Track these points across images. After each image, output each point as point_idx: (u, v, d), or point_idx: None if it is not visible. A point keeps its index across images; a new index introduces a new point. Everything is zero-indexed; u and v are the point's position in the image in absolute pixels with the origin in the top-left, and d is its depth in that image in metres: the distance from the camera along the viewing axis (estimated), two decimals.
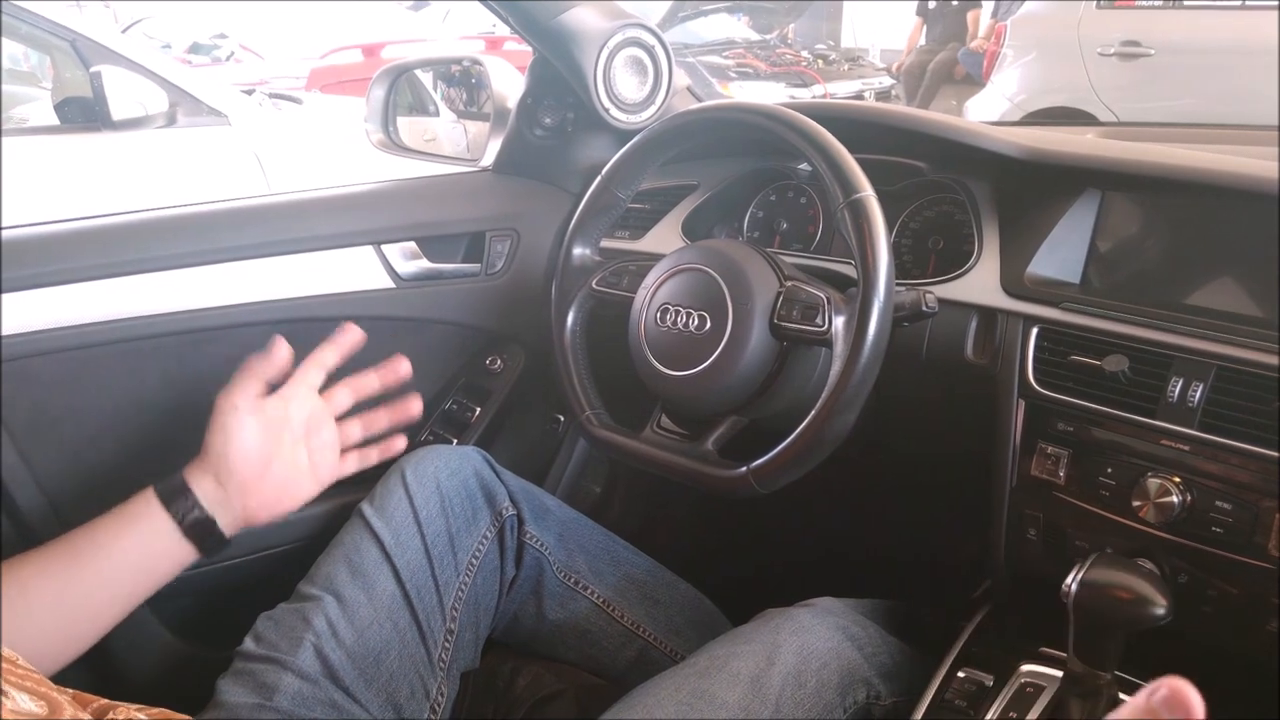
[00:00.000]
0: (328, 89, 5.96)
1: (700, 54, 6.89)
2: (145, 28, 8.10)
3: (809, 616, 0.95)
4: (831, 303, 0.95)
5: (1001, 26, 5.54)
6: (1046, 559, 0.97)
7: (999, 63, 5.28)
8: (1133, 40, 4.64)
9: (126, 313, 1.08)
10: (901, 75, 8.23)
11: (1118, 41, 4.68)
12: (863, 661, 0.93)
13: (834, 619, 0.96)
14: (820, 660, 0.90)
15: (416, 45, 7.06)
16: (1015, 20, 5.44)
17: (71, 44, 2.90)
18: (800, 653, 0.90)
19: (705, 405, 1.04)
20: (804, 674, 0.89)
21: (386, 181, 1.35)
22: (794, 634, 0.92)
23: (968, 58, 7.69)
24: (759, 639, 0.92)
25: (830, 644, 0.92)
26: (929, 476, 1.27)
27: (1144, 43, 4.62)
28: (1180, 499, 0.85)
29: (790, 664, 0.89)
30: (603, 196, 1.13)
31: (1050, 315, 0.96)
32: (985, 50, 6.01)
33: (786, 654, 0.89)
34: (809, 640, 0.92)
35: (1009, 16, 5.83)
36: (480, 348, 1.39)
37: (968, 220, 1.09)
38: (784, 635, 0.92)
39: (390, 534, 1.02)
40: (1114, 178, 0.99)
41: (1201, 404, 0.85)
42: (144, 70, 2.92)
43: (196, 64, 7.61)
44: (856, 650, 0.94)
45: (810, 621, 0.94)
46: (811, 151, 0.96)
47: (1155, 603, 0.74)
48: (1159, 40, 4.60)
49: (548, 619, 1.13)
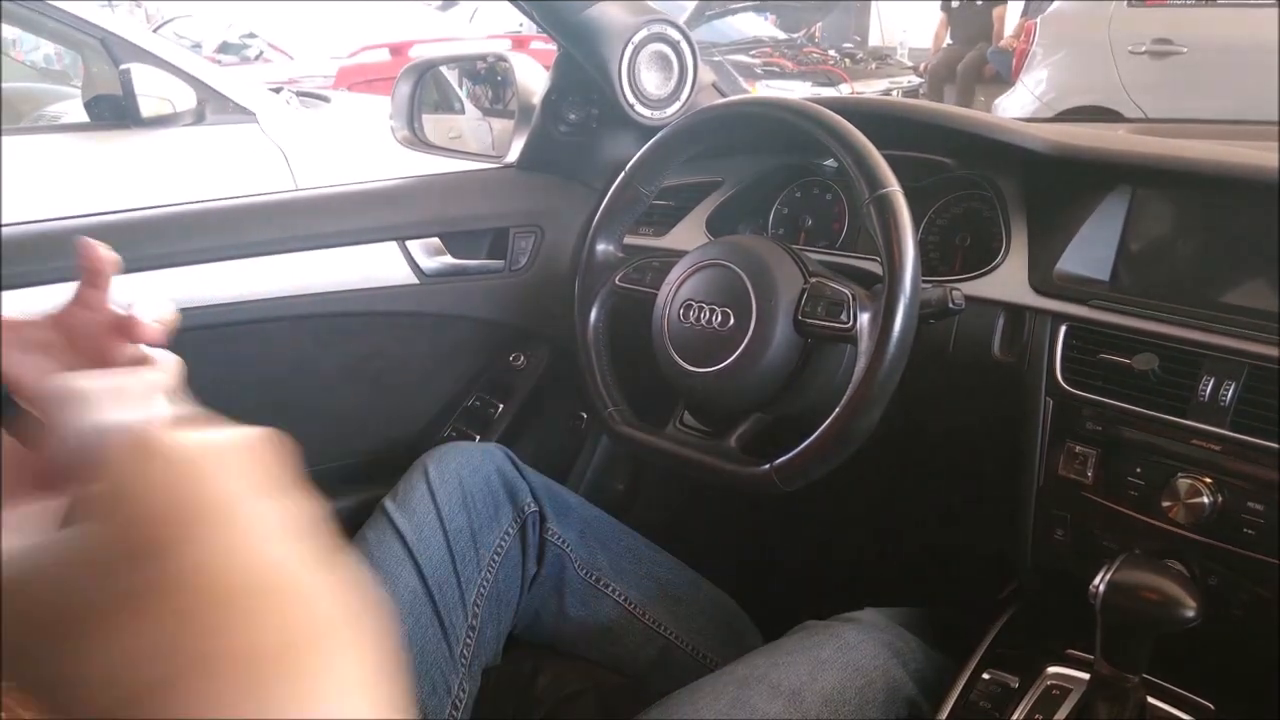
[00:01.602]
0: (355, 88, 5.99)
1: (727, 53, 6.88)
2: (176, 27, 8.19)
3: (854, 633, 0.94)
4: (856, 299, 0.94)
5: (1031, 24, 5.49)
6: (1074, 559, 0.96)
7: (1028, 61, 5.23)
8: (1164, 38, 4.59)
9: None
10: (927, 75, 8.17)
11: (1149, 39, 4.63)
12: (907, 679, 0.92)
13: (879, 634, 0.94)
14: (865, 678, 0.89)
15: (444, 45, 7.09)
16: (1045, 18, 5.38)
17: (102, 41, 2.94)
18: (844, 670, 0.89)
19: (728, 402, 1.04)
20: (845, 691, 0.88)
21: (411, 177, 1.35)
22: (839, 651, 0.91)
23: (996, 56, 7.63)
24: (802, 652, 0.91)
25: (876, 661, 0.91)
26: (955, 475, 1.26)
27: (1176, 41, 4.57)
28: (1211, 500, 0.84)
29: (833, 681, 0.88)
30: (626, 192, 1.13)
31: (1079, 313, 0.95)
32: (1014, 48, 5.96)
33: (829, 670, 0.89)
34: (854, 658, 0.91)
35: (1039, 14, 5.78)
36: (503, 344, 1.39)
37: (995, 217, 1.08)
38: (828, 651, 0.91)
39: (413, 530, 1.02)
40: (1146, 173, 0.97)
41: (1233, 403, 0.83)
42: (172, 68, 2.94)
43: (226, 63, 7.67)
44: (902, 668, 0.92)
45: (855, 638, 0.93)
46: (837, 147, 0.95)
47: (1185, 605, 0.73)
48: (1191, 38, 4.54)
49: (569, 616, 1.12)
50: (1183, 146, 0.98)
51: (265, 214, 1.19)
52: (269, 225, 1.17)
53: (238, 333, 1.15)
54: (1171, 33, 4.58)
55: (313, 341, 1.21)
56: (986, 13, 8.20)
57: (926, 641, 0.98)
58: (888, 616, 0.99)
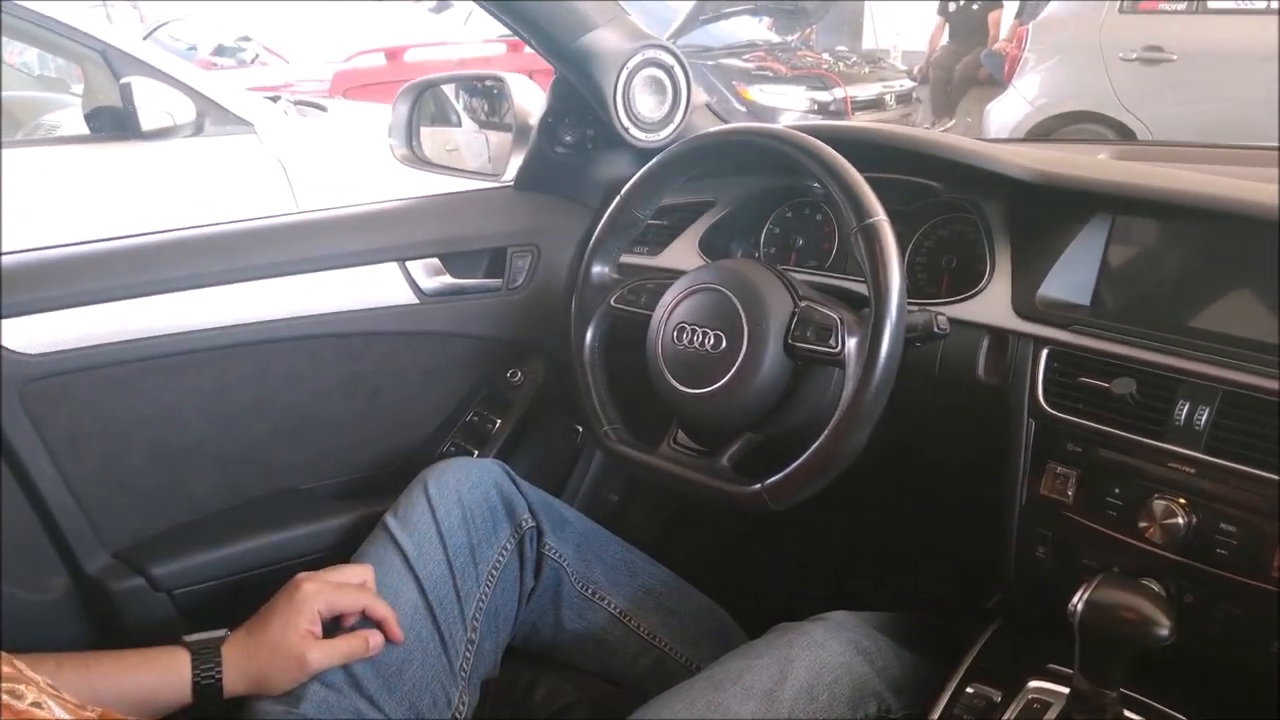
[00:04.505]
0: (351, 93, 6.01)
1: (721, 57, 6.89)
2: (171, 30, 8.18)
3: (821, 631, 0.97)
4: (845, 324, 0.97)
5: (1023, 30, 5.52)
6: (1055, 576, 0.98)
7: (1021, 66, 5.26)
8: (1155, 45, 4.63)
9: (156, 330, 1.12)
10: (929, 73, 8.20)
11: (1140, 46, 4.66)
12: (874, 675, 0.95)
13: (846, 634, 0.98)
14: (832, 675, 0.92)
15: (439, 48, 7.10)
16: (1037, 24, 5.42)
17: (102, 54, 2.95)
18: (812, 667, 0.92)
19: (720, 422, 1.06)
20: (816, 688, 0.91)
21: (410, 199, 1.38)
22: (806, 649, 0.94)
23: (990, 59, 7.67)
24: (772, 653, 0.94)
25: (842, 658, 0.94)
26: (941, 492, 1.28)
27: (1166, 48, 4.61)
28: (1186, 520, 0.87)
29: (802, 678, 0.91)
30: (622, 216, 1.16)
31: (1061, 337, 0.98)
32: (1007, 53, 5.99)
33: (799, 668, 0.92)
34: (821, 655, 0.94)
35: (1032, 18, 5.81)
36: (501, 361, 1.41)
37: (980, 240, 1.10)
38: (797, 650, 0.94)
39: (413, 546, 1.05)
40: (1124, 202, 1.00)
41: (1208, 427, 0.86)
42: (172, 80, 2.95)
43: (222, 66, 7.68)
44: (868, 664, 0.96)
45: (823, 636, 0.96)
46: (825, 176, 0.98)
47: (1159, 624, 0.76)
48: (1181, 45, 4.58)
49: (565, 629, 1.15)
50: (1162, 175, 1.00)
51: (266, 237, 1.21)
52: (269, 249, 1.20)
53: (241, 354, 1.17)
54: (1162, 40, 4.61)
55: (314, 361, 1.24)
56: (983, 16, 8.23)
57: (897, 643, 1.01)
58: (857, 618, 1.02)
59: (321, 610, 0.95)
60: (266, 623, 0.94)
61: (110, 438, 1.13)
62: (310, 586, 0.96)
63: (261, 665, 0.92)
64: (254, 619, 0.96)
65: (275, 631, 0.93)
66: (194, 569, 1.16)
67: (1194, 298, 0.97)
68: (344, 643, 0.95)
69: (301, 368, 1.23)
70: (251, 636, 0.94)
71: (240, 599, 1.02)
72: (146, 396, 1.14)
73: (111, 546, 1.15)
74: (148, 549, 1.16)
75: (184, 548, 1.16)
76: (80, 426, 1.10)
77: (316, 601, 0.95)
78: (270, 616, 0.95)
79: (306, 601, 0.95)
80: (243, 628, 0.95)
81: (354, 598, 0.98)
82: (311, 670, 0.93)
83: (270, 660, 0.92)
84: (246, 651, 0.92)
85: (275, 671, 0.92)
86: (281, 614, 0.94)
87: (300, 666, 0.92)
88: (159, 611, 1.14)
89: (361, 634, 0.96)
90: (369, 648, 0.96)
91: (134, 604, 1.13)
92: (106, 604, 1.12)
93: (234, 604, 1.00)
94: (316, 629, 0.95)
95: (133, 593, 1.12)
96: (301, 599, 0.95)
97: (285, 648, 0.92)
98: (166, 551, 1.15)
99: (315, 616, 0.95)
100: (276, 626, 0.93)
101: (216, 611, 1.03)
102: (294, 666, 0.92)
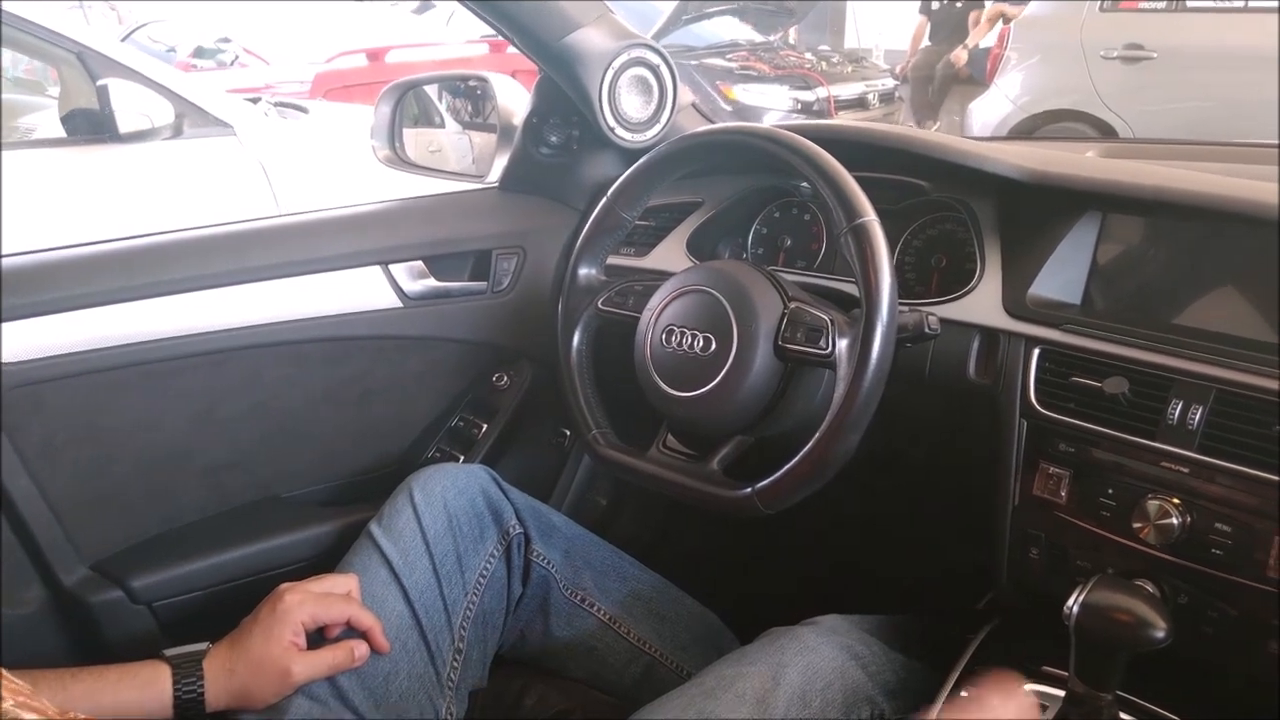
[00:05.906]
0: (332, 94, 5.97)
1: (704, 56, 6.89)
2: (150, 32, 8.12)
3: (814, 636, 0.96)
4: (835, 325, 0.96)
5: (1005, 28, 5.54)
6: (1049, 577, 0.98)
7: (1003, 65, 5.28)
8: (1135, 43, 4.65)
9: (136, 336, 1.09)
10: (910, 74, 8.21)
11: (1120, 45, 4.69)
12: (867, 680, 0.94)
13: (838, 638, 0.97)
14: (825, 680, 0.91)
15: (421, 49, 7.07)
16: (1018, 22, 5.46)
17: (78, 56, 2.91)
18: (805, 672, 0.91)
19: (711, 426, 1.05)
20: (809, 694, 0.90)
21: (393, 201, 1.36)
22: (799, 654, 0.93)
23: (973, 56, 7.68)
24: (764, 659, 0.93)
25: (835, 663, 0.93)
26: (933, 494, 1.28)
27: (1147, 46, 4.63)
28: (1180, 520, 0.86)
29: (795, 684, 0.90)
30: (608, 218, 1.14)
31: (1052, 337, 0.97)
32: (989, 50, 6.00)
33: (791, 674, 0.90)
34: (814, 660, 0.93)
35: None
36: (486, 365, 1.40)
37: (970, 239, 1.10)
38: (789, 655, 0.93)
39: (399, 554, 1.03)
40: (1114, 200, 0.99)
41: (1201, 427, 0.86)
42: (150, 82, 2.92)
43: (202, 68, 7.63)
44: (861, 669, 0.95)
45: (815, 641, 0.95)
46: (814, 175, 0.97)
47: (1155, 626, 0.75)
48: (1161, 43, 4.61)
49: (555, 636, 1.14)
50: (1152, 173, 1.00)
51: (247, 241, 1.19)
52: (251, 253, 1.18)
53: (223, 360, 1.15)
54: (1142, 38, 4.64)
55: (296, 367, 1.22)
56: (965, 14, 8.26)
57: (890, 646, 1.00)
58: (850, 622, 1.01)
59: (305, 621, 0.94)
60: (249, 635, 0.93)
61: (87, 446, 1.11)
62: (293, 597, 0.94)
63: (244, 678, 0.91)
64: (236, 631, 0.94)
65: (258, 644, 0.92)
66: (174, 580, 1.13)
67: (1186, 295, 0.97)
68: (328, 654, 0.94)
69: (283, 373, 1.21)
70: (234, 649, 0.92)
71: (222, 611, 1.00)
72: (124, 404, 1.11)
73: (90, 558, 1.13)
74: (127, 560, 1.14)
75: (164, 559, 1.14)
76: (56, 435, 1.08)
77: (300, 612, 0.93)
78: (253, 628, 0.93)
79: (289, 612, 0.93)
80: (225, 640, 0.93)
81: (338, 608, 0.96)
82: (295, 683, 0.92)
83: (253, 673, 0.91)
84: (229, 665, 0.91)
85: (258, 685, 0.91)
86: (264, 626, 0.93)
87: (284, 679, 0.91)
88: (139, 624, 1.12)
89: (346, 645, 0.95)
90: (354, 659, 0.94)
91: (113, 617, 1.10)
92: (85, 617, 1.10)
93: (216, 616, 0.99)
94: (300, 640, 0.93)
95: (112, 605, 1.10)
96: (284, 610, 0.93)
97: (268, 660, 0.91)
98: (146, 563, 1.13)
99: (299, 628, 0.93)
100: (259, 639, 0.92)
101: (198, 624, 1.02)
102: (277, 679, 0.91)
